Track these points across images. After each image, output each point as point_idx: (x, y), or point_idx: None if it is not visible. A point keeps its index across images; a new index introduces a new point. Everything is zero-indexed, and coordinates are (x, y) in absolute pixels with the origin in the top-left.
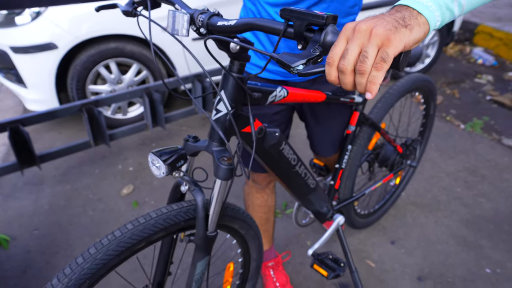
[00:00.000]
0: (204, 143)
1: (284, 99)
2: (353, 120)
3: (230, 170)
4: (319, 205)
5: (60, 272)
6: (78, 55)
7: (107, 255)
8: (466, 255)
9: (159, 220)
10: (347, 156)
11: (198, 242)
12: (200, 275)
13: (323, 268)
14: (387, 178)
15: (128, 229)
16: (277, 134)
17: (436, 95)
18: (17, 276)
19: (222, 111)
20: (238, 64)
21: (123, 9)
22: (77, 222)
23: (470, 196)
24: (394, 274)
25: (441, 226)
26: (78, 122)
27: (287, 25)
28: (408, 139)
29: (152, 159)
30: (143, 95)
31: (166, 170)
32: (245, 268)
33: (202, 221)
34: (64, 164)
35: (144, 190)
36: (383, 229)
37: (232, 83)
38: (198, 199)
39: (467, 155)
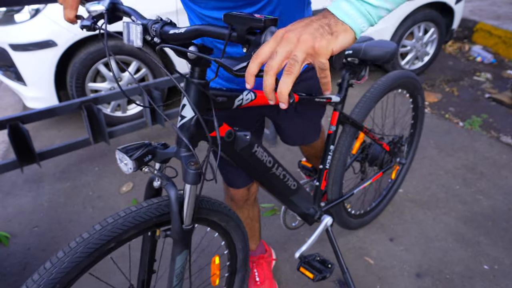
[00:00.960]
0: (173, 149)
1: (253, 102)
2: (333, 120)
3: (198, 175)
4: (304, 207)
5: (29, 279)
6: (77, 53)
7: (76, 258)
8: (465, 252)
9: (128, 218)
10: (330, 157)
11: (175, 236)
12: (180, 269)
13: (309, 271)
14: (376, 177)
15: (96, 230)
16: (248, 137)
17: (422, 89)
18: (17, 273)
19: (186, 117)
20: (198, 70)
21: (83, 24)
22: (77, 220)
23: (468, 193)
24: (393, 271)
25: (439, 223)
26: (78, 120)
27: (231, 29)
28: (395, 136)
29: (119, 156)
30: (142, 92)
31: (133, 166)
32: (231, 260)
33: (177, 215)
34: (63, 162)
35: (143, 188)
36: (381, 226)
37: (194, 89)
38: (171, 193)
39: (465, 153)
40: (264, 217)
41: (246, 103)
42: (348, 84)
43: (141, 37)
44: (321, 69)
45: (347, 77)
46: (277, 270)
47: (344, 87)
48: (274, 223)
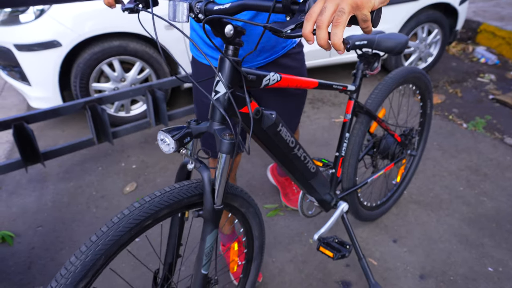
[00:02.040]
0: (206, 124)
1: (278, 83)
2: (348, 109)
3: (232, 144)
4: (322, 192)
5: (77, 251)
6: (82, 53)
7: (119, 231)
8: (468, 254)
9: (163, 198)
10: (345, 144)
11: (206, 215)
12: (210, 249)
13: (329, 250)
14: (388, 168)
15: (136, 207)
16: (274, 116)
17: (431, 88)
18: (22, 272)
19: (220, 92)
20: (232, 48)
21: (125, 7)
22: (81, 219)
23: (472, 194)
24: (397, 272)
25: (443, 224)
26: (81, 120)
27: (276, 1)
28: (406, 128)
29: (162, 137)
30: (146, 93)
31: (175, 146)
32: (249, 247)
33: (209, 195)
34: (67, 162)
35: (147, 188)
36: (385, 227)
37: (229, 66)
38: (204, 174)
39: (469, 154)
40: (267, 218)
41: (272, 84)
42: (362, 74)
43: (187, 14)
44: (363, 21)
45: (362, 67)
46: (281, 271)
47: (359, 77)
48: (277, 224)
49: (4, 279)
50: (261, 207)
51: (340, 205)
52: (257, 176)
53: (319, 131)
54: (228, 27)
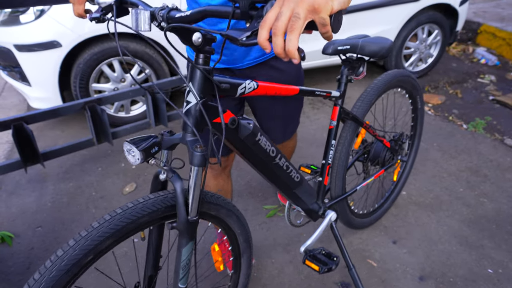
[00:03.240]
0: (179, 135)
1: (255, 91)
2: (333, 115)
3: (203, 157)
4: (308, 201)
5: (53, 254)
6: (82, 54)
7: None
8: (468, 255)
9: (136, 209)
10: (332, 151)
11: (180, 227)
12: (186, 261)
13: (314, 263)
14: (378, 174)
15: (106, 219)
16: (251, 125)
17: (419, 86)
18: (21, 272)
19: (191, 102)
20: (203, 57)
21: (92, 17)
22: (80, 220)
23: (472, 196)
24: (396, 273)
25: (443, 226)
26: (81, 120)
27: (234, 7)
28: (396, 134)
29: (127, 148)
30: (146, 93)
31: (140, 157)
32: (233, 244)
33: (182, 206)
34: (67, 162)
35: (146, 188)
36: (384, 228)
37: (199, 75)
38: (177, 185)
39: (469, 155)
40: (266, 219)
41: (248, 92)
42: (347, 80)
43: (149, 22)
44: (322, 25)
45: (346, 72)
46: (280, 273)
47: (343, 82)
48: (277, 225)
49: (3, 280)
50: (261, 207)
51: (328, 214)
52: (256, 176)
53: (319, 131)
54: (196, 35)
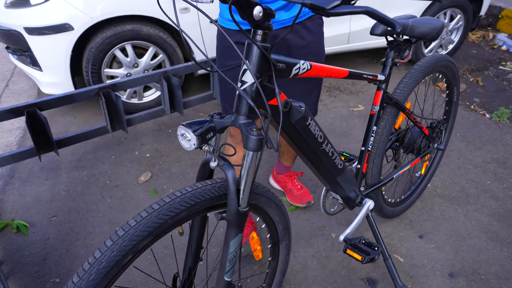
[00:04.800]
0: (230, 118)
1: (307, 72)
2: (376, 100)
3: (260, 141)
4: (348, 189)
5: (102, 244)
6: (94, 37)
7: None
8: (499, 252)
9: (184, 199)
10: (372, 138)
11: (230, 219)
12: (234, 254)
13: (356, 253)
14: (415, 162)
15: (154, 209)
16: (303, 108)
17: (459, 75)
18: (38, 263)
19: (247, 82)
20: (261, 33)
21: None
22: (95, 209)
23: (500, 189)
24: (424, 270)
25: (471, 220)
26: (93, 106)
27: None
28: (434, 120)
29: (182, 132)
30: (161, 79)
31: (196, 142)
32: (271, 232)
33: (234, 196)
34: (80, 150)
35: (162, 178)
36: (410, 222)
37: (257, 53)
38: (229, 173)
39: (495, 146)
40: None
41: (302, 73)
42: (392, 63)
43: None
44: None
45: (392, 55)
46: (303, 267)
47: (389, 66)
48: (298, 218)
49: (20, 271)
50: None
51: (366, 202)
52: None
53: (337, 120)
54: (257, 9)
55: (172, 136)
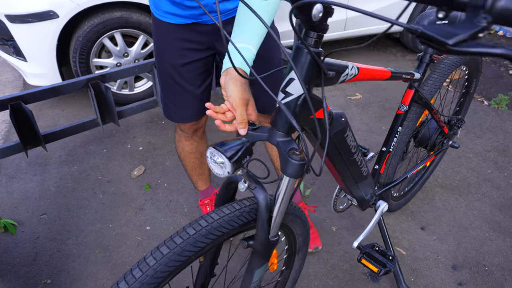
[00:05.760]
0: (264, 131)
1: (354, 77)
2: (406, 99)
3: (302, 166)
4: (366, 192)
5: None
6: (81, 25)
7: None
8: (502, 242)
9: (211, 230)
10: (396, 139)
11: (258, 247)
12: (258, 283)
13: (372, 264)
14: (429, 160)
15: (177, 243)
16: (343, 120)
17: (480, 72)
18: (28, 264)
19: (293, 94)
20: (315, 36)
21: None
22: (87, 206)
23: (501, 177)
24: (427, 262)
25: (473, 210)
26: (82, 98)
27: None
28: (453, 117)
29: (213, 154)
30: (152, 69)
31: (231, 169)
32: (290, 243)
33: (265, 225)
34: (69, 144)
35: (156, 172)
36: (411, 214)
37: (308, 60)
38: (261, 198)
39: (495, 134)
40: None
41: (348, 79)
42: (430, 59)
43: None
44: None
45: (431, 51)
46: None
47: (426, 62)
48: None
49: (9, 272)
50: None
51: (380, 205)
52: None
53: None
54: (317, 8)
55: (166, 128)
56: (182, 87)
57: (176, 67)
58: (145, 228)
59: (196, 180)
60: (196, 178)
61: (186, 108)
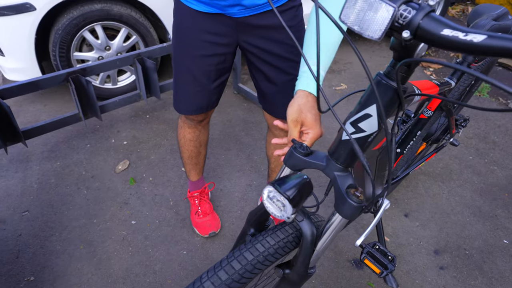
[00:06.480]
0: (320, 159)
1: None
2: (432, 105)
3: (359, 209)
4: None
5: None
6: (59, 18)
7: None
8: (482, 226)
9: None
10: (412, 142)
11: (295, 279)
12: None
13: (375, 265)
14: (430, 157)
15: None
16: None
17: None
18: (10, 262)
19: (366, 131)
20: (404, 71)
21: None
22: (71, 202)
23: (482, 164)
24: (410, 248)
25: (454, 196)
26: (64, 92)
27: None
28: (460, 117)
29: (271, 194)
30: (135, 62)
31: (291, 212)
32: None
33: (306, 258)
34: (51, 139)
35: (140, 166)
36: (395, 201)
37: (390, 95)
38: (307, 233)
39: (476, 121)
40: None
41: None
42: (468, 66)
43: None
44: None
45: (470, 59)
46: None
47: None
48: None
49: None
50: (265, 183)
51: (384, 202)
52: (257, 150)
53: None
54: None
55: (150, 122)
56: (196, 79)
57: (194, 58)
58: (130, 223)
59: (190, 169)
60: (190, 167)
61: (196, 101)
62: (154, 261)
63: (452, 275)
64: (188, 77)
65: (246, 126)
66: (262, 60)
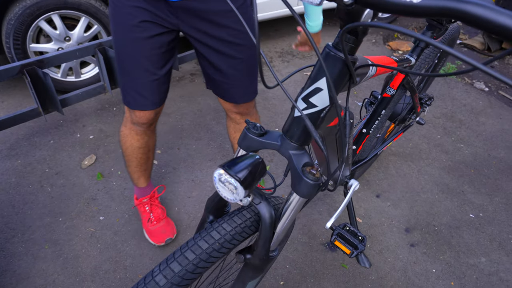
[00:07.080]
0: (274, 139)
1: (371, 76)
2: (395, 83)
3: (316, 187)
4: (343, 173)
5: None
6: (11, 7)
7: None
8: (450, 202)
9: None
10: (377, 121)
11: (257, 263)
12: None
13: (345, 246)
14: (397, 137)
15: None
16: (352, 121)
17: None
18: None
19: (317, 106)
20: (353, 41)
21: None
22: (34, 201)
23: (449, 142)
24: (382, 228)
25: (424, 175)
26: (24, 87)
27: None
28: (424, 94)
29: (222, 177)
30: (96, 52)
31: (244, 195)
32: None
33: (267, 242)
34: (11, 137)
35: (108, 160)
36: (367, 183)
37: (340, 68)
38: (266, 215)
39: (443, 101)
40: None
41: (364, 80)
42: (426, 44)
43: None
44: None
45: (429, 34)
46: None
47: (422, 47)
48: None
49: None
50: None
51: (352, 184)
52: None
53: (291, 86)
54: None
55: (118, 114)
56: (143, 66)
57: (137, 41)
58: (98, 219)
59: (139, 176)
60: (139, 174)
61: (147, 92)
62: (124, 257)
63: (422, 251)
64: (134, 66)
65: (217, 115)
66: (205, 45)
